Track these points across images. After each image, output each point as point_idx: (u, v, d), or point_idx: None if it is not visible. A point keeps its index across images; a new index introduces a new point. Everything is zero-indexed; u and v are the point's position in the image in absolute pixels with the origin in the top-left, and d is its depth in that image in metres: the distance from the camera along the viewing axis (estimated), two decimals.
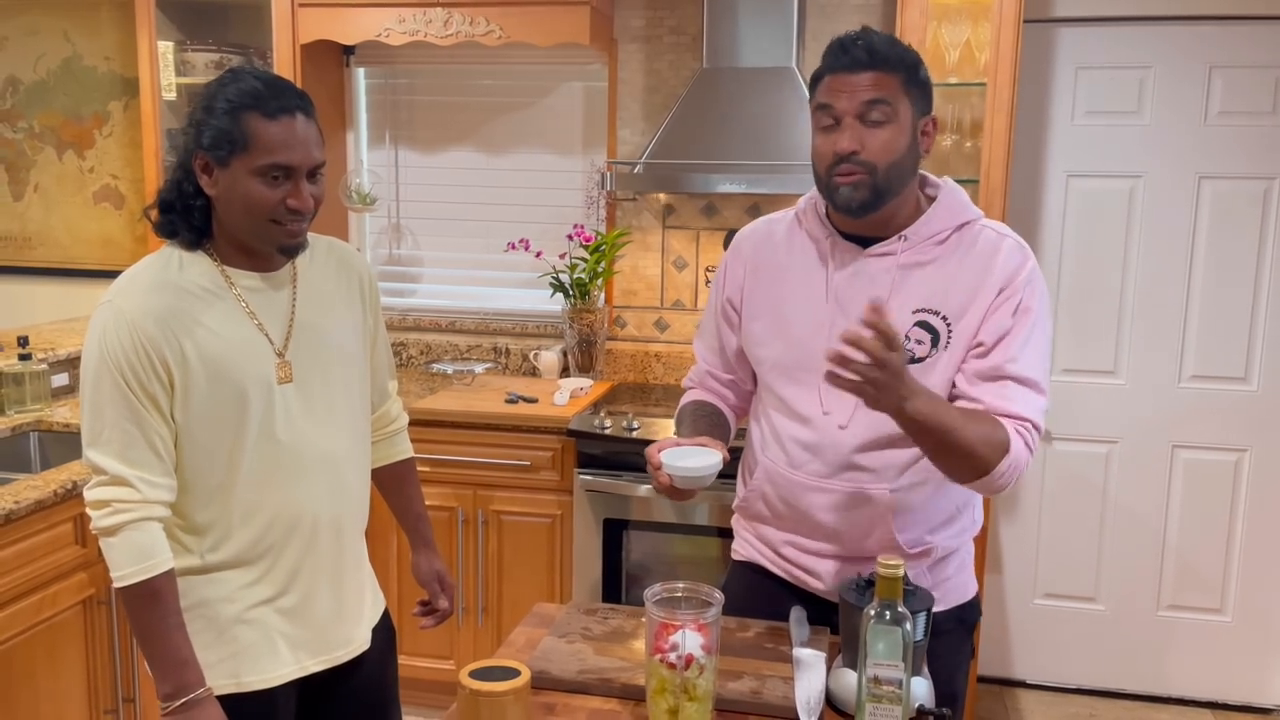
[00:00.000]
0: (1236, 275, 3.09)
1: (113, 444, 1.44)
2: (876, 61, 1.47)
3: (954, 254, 1.54)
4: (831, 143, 1.50)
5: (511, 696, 1.28)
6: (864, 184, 1.49)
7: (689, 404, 1.79)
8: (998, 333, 1.50)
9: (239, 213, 1.46)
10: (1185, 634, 3.26)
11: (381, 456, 1.81)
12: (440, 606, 1.85)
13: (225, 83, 1.46)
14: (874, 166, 1.48)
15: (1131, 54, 3.05)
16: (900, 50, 1.50)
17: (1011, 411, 1.47)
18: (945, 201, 1.57)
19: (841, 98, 1.49)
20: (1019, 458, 1.46)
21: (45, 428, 2.77)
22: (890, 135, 1.48)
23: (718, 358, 1.78)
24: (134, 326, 1.43)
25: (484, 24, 3.04)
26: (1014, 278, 1.51)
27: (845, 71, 1.49)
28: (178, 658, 1.46)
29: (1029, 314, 1.50)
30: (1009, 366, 1.48)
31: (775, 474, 1.64)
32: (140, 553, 1.44)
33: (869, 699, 1.25)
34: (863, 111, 1.47)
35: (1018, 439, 1.46)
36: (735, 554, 1.80)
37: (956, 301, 1.52)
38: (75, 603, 2.29)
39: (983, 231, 1.56)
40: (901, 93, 1.48)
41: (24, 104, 3.77)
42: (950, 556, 1.65)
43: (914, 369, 1.50)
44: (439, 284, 3.65)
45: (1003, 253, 1.53)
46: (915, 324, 1.53)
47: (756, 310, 1.67)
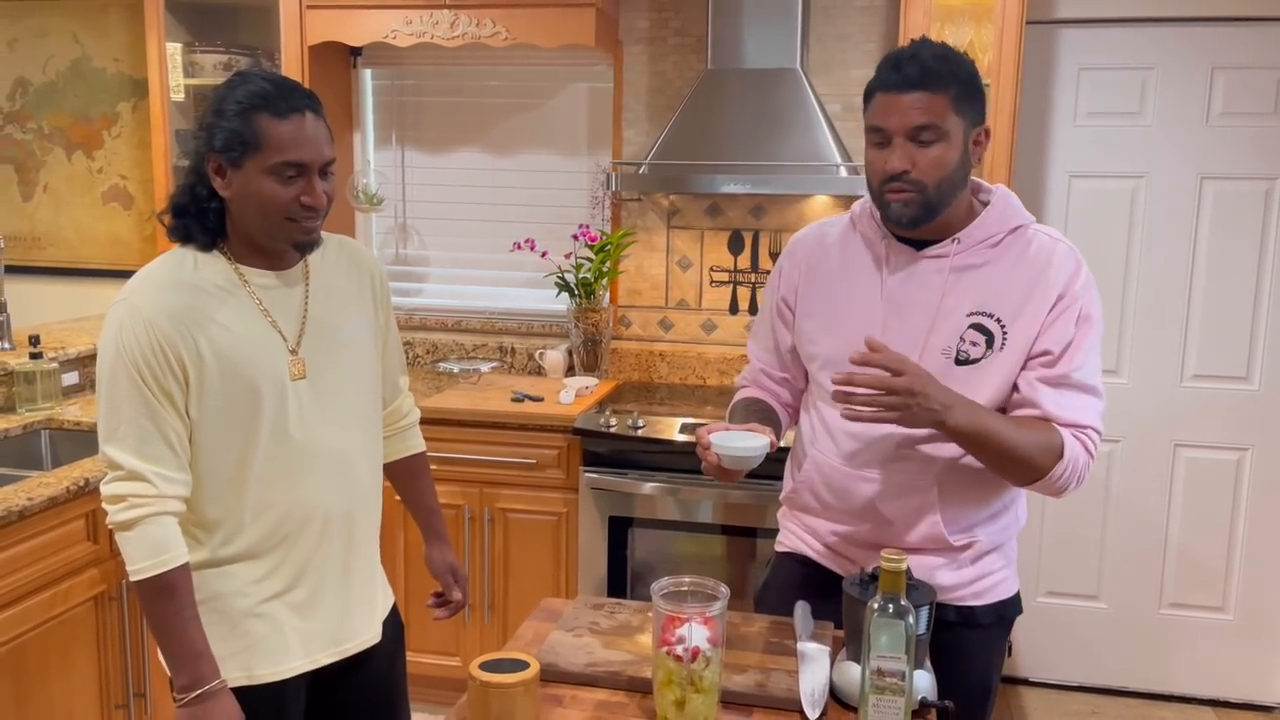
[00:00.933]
0: (1238, 275, 3.11)
1: (129, 439, 1.46)
2: (928, 81, 1.48)
3: (1007, 257, 1.57)
4: (883, 160, 1.52)
5: (521, 688, 1.31)
6: (915, 201, 1.52)
7: (741, 400, 1.82)
8: (1063, 342, 1.53)
9: (254, 212, 1.49)
10: (1187, 632, 3.27)
11: (394, 451, 1.83)
12: (454, 598, 1.88)
13: (234, 85, 1.48)
14: (924, 185, 1.51)
15: (1133, 55, 3.07)
16: (953, 65, 1.51)
17: (1072, 420, 1.52)
18: (999, 206, 1.60)
19: (891, 118, 1.50)
20: (1077, 461, 1.51)
21: (56, 426, 2.79)
22: (940, 153, 1.50)
23: (772, 356, 1.81)
24: (149, 324, 1.46)
25: (490, 25, 3.07)
26: (1070, 285, 1.54)
27: (895, 91, 1.50)
28: (193, 650, 1.48)
29: (1090, 322, 1.55)
30: (1075, 375, 1.53)
31: (825, 465, 1.67)
32: (156, 547, 1.46)
33: (872, 691, 1.27)
34: (912, 133, 1.50)
35: (1074, 443, 1.51)
36: (780, 545, 1.83)
37: (1010, 304, 1.55)
38: (87, 598, 2.32)
39: (1036, 236, 1.59)
40: (951, 111, 1.50)
41: (33, 105, 3.80)
42: (994, 551, 1.67)
43: (969, 370, 1.54)
44: (445, 283, 3.67)
45: (1057, 258, 1.56)
46: (970, 326, 1.55)
47: (810, 309, 1.70)
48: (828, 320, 1.67)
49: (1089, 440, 1.53)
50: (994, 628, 1.68)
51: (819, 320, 1.68)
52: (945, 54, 1.51)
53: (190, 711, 1.47)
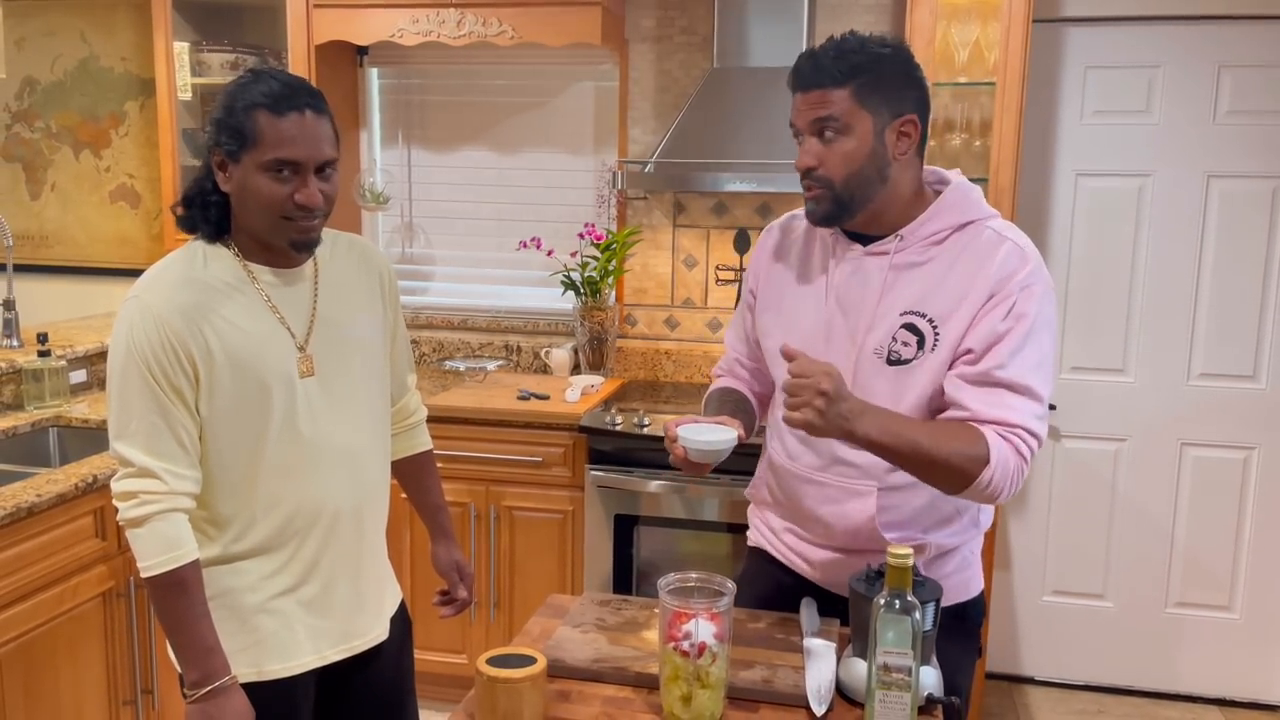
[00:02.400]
0: (1245, 274, 3.10)
1: (139, 436, 1.47)
2: (821, 78, 1.48)
3: (949, 254, 1.52)
4: (798, 157, 1.54)
5: (528, 683, 1.31)
6: (824, 198, 1.52)
7: (716, 390, 1.83)
8: (988, 339, 1.46)
9: (251, 209, 1.49)
10: (1193, 631, 3.27)
11: (401, 449, 1.84)
12: (459, 596, 1.88)
13: (245, 83, 1.49)
14: (831, 181, 1.50)
15: (1140, 53, 3.07)
16: (854, 59, 1.47)
17: (1000, 418, 1.44)
18: (948, 200, 1.55)
19: (795, 115, 1.53)
20: (1006, 466, 1.43)
21: (64, 423, 2.81)
22: (847, 148, 1.48)
23: (744, 346, 1.82)
24: (160, 321, 1.46)
25: (496, 24, 3.07)
26: (1007, 282, 1.47)
27: (797, 90, 1.52)
28: (204, 646, 1.49)
29: (1023, 319, 1.46)
30: (998, 373, 1.45)
31: (775, 463, 1.69)
32: (167, 543, 1.47)
33: (879, 686, 1.28)
34: (815, 130, 1.50)
35: (1001, 444, 1.43)
36: (749, 539, 1.84)
37: (944, 304, 1.50)
38: (95, 595, 2.33)
39: (983, 232, 1.53)
40: (855, 105, 1.47)
41: (41, 104, 3.81)
42: (948, 555, 1.64)
43: (901, 371, 1.52)
44: (451, 282, 3.68)
45: (999, 255, 1.49)
46: (902, 326, 1.52)
47: (768, 302, 1.70)
48: (780, 315, 1.67)
49: (1019, 441, 1.44)
50: (953, 630, 1.61)
51: (773, 315, 1.69)
52: (852, 49, 1.48)
53: (201, 707, 1.48)
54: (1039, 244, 3.16)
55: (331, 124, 1.52)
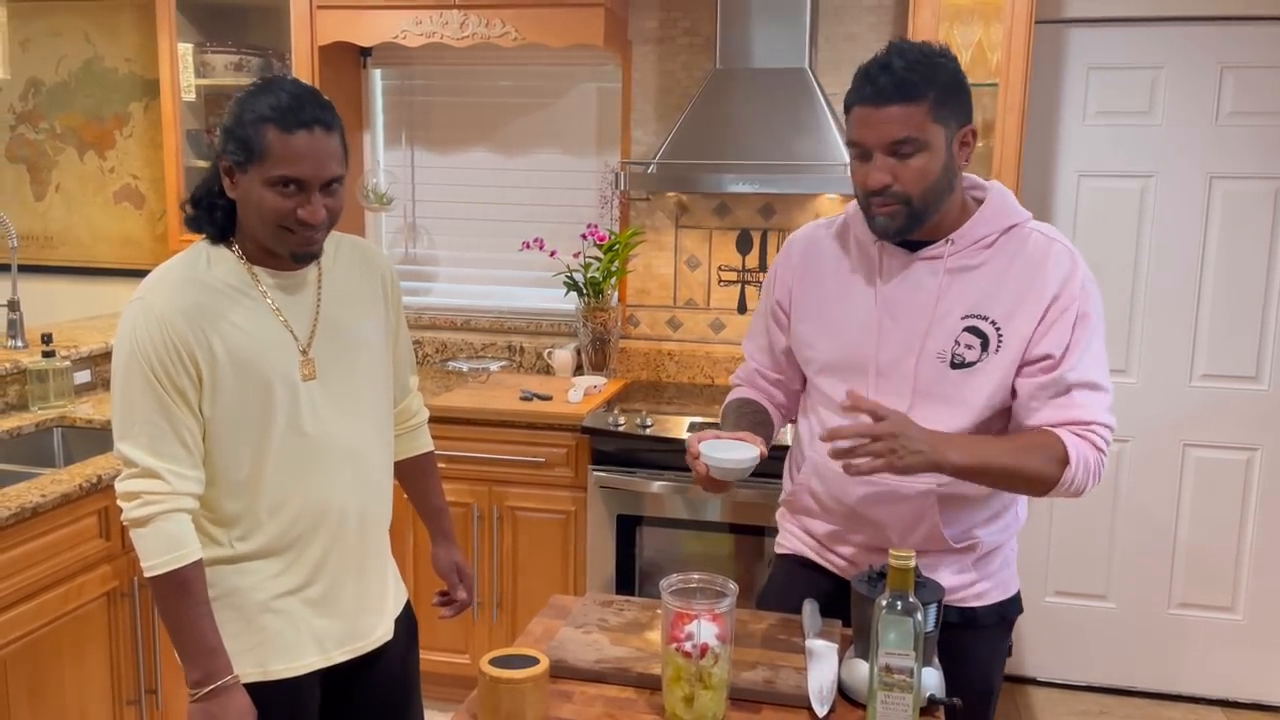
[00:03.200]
0: (1248, 274, 3.10)
1: (143, 437, 1.48)
2: (902, 93, 1.45)
3: (1001, 257, 1.55)
4: (864, 174, 1.51)
5: (531, 684, 1.32)
6: (900, 213, 1.51)
7: (734, 401, 1.81)
8: (1062, 344, 1.51)
9: (255, 218, 1.50)
10: (1196, 632, 3.27)
11: (403, 450, 1.84)
12: (459, 597, 1.89)
13: (255, 93, 1.48)
14: (909, 197, 1.50)
15: (1143, 54, 3.07)
16: (928, 70, 1.47)
17: (1075, 418, 1.50)
18: (993, 204, 1.58)
19: (869, 133, 1.49)
20: (1087, 460, 1.50)
21: (69, 423, 2.81)
22: (923, 163, 1.48)
23: (767, 357, 1.80)
24: (163, 322, 1.47)
25: (500, 26, 3.08)
26: (1066, 285, 1.52)
27: (871, 104, 1.48)
28: (206, 646, 1.49)
29: (1087, 320, 1.52)
30: (1071, 375, 1.51)
31: (823, 468, 1.66)
32: (170, 543, 1.47)
33: (881, 687, 1.28)
34: (891, 148, 1.48)
35: (1078, 442, 1.49)
36: (780, 547, 1.83)
37: (1005, 306, 1.53)
38: (99, 595, 2.34)
39: (1031, 234, 1.57)
40: (930, 120, 1.47)
41: (46, 105, 3.82)
42: (995, 551, 1.66)
43: (965, 373, 1.54)
44: (454, 283, 3.69)
45: (1052, 258, 1.54)
46: (965, 329, 1.54)
47: (805, 313, 1.69)
48: (824, 325, 1.66)
49: (1095, 436, 1.51)
50: (995, 628, 1.68)
51: (815, 325, 1.68)
52: (919, 60, 1.47)
53: (203, 706, 1.49)
54: None
55: (341, 138, 1.51)
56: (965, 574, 1.63)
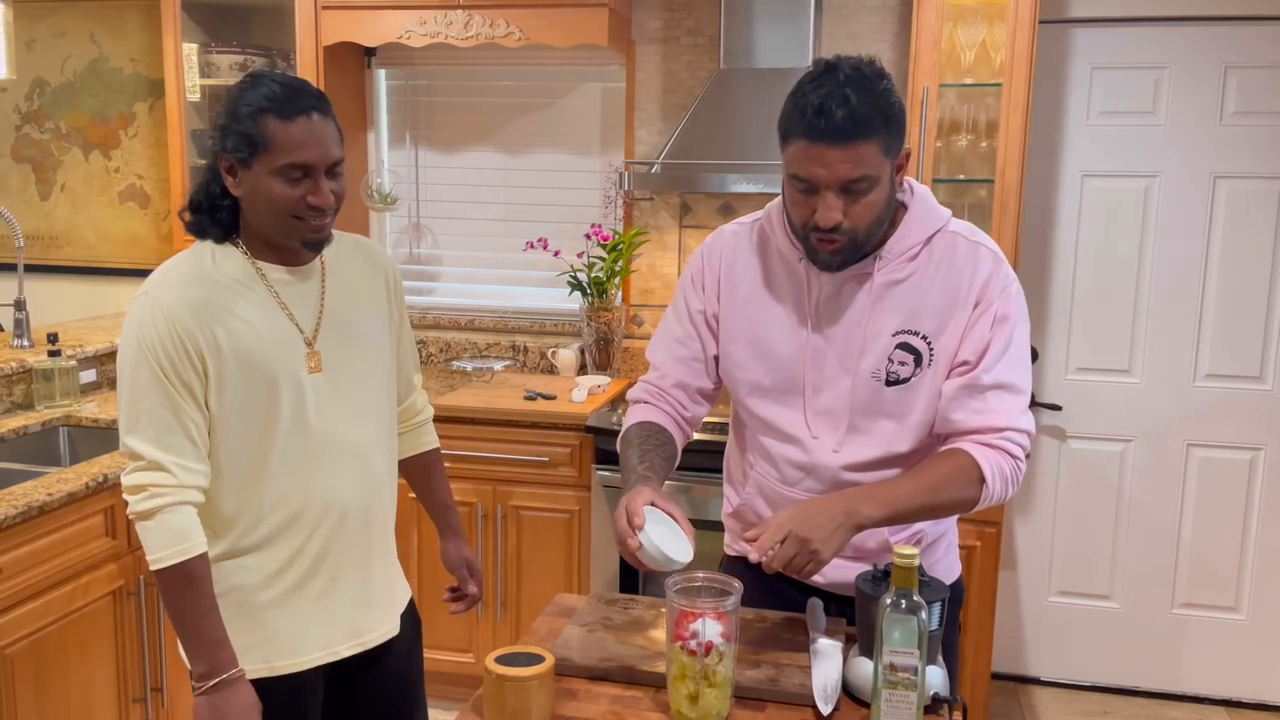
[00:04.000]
0: (1251, 274, 3.10)
1: (149, 430, 1.49)
2: (858, 131, 1.36)
3: (927, 267, 1.52)
4: (809, 208, 1.43)
5: (536, 681, 1.32)
6: (845, 249, 1.46)
7: (635, 430, 1.65)
8: (979, 348, 1.50)
9: (263, 211, 1.51)
10: (1200, 632, 3.27)
11: (408, 448, 1.85)
12: (469, 592, 1.89)
13: (246, 87, 1.50)
14: (855, 232, 1.44)
15: (1147, 54, 3.07)
16: (877, 100, 1.38)
17: (986, 425, 1.49)
18: (916, 214, 1.54)
19: (820, 171, 1.39)
20: (1002, 471, 1.48)
21: (74, 423, 2.82)
22: (873, 199, 1.42)
23: (683, 365, 1.67)
24: (170, 317, 1.48)
25: (504, 26, 3.08)
26: (987, 288, 1.50)
27: (824, 142, 1.37)
28: (211, 639, 1.50)
29: (1006, 322, 1.50)
30: (986, 378, 1.49)
31: (768, 488, 1.65)
32: (175, 536, 1.48)
33: (885, 685, 1.28)
34: (844, 186, 1.40)
35: (992, 456, 1.48)
36: (729, 549, 1.82)
37: (934, 319, 1.51)
38: (105, 593, 2.34)
39: (954, 239, 1.53)
40: (881, 154, 1.40)
41: (51, 105, 3.83)
42: (939, 540, 1.68)
43: (900, 390, 1.53)
44: (458, 282, 3.69)
45: (975, 263, 1.51)
46: (897, 346, 1.52)
47: (734, 331, 1.62)
48: (753, 347, 1.60)
49: (1008, 444, 1.49)
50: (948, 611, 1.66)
51: (743, 346, 1.61)
52: (869, 91, 1.37)
53: (208, 700, 1.49)
54: (1045, 245, 3.20)
55: (336, 124, 1.53)
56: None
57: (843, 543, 1.41)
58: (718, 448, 2.11)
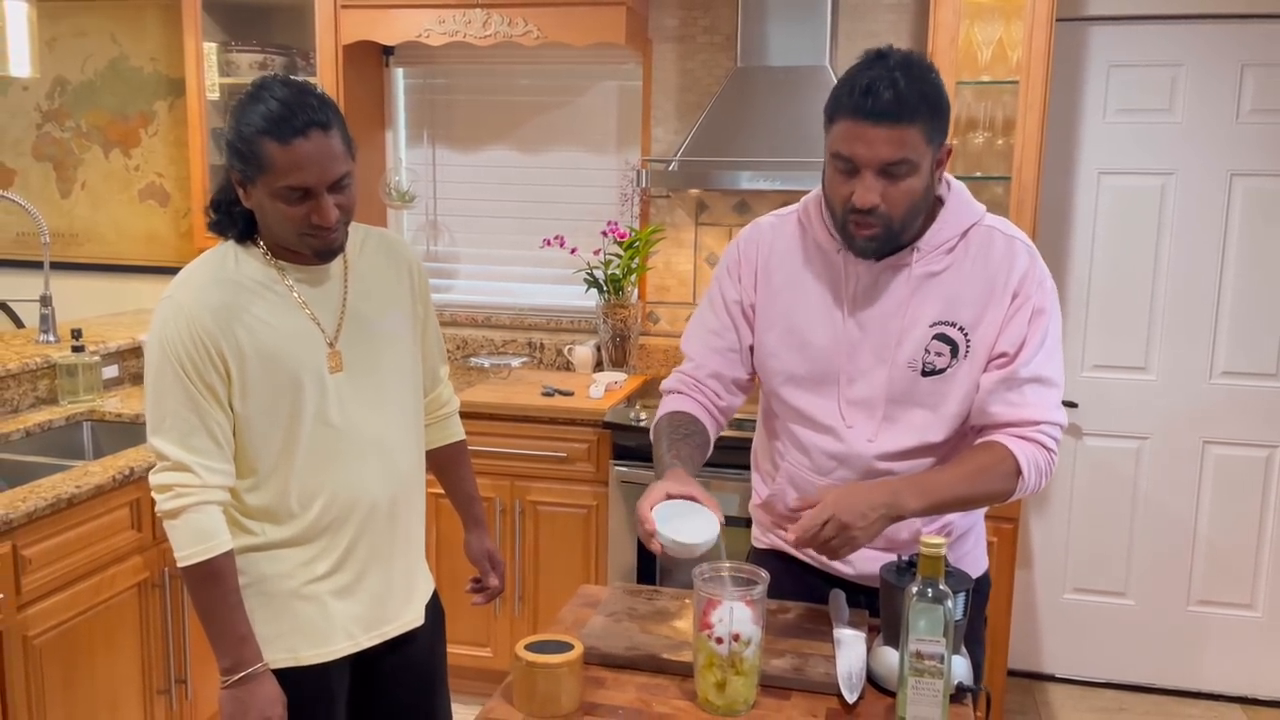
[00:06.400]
0: (1268, 272, 3.10)
1: (174, 432, 1.51)
2: (903, 113, 1.39)
3: (964, 260, 1.54)
4: (848, 189, 1.45)
5: (566, 668, 1.34)
6: (880, 235, 1.48)
7: (667, 420, 1.66)
8: (1016, 341, 1.52)
9: (272, 225, 1.53)
10: (1216, 629, 3.27)
11: (434, 439, 1.87)
12: (491, 584, 1.91)
13: (248, 103, 1.48)
14: (891, 218, 1.46)
15: (1163, 52, 3.07)
16: (926, 87, 1.42)
17: (1022, 418, 1.51)
18: (952, 207, 1.56)
19: (861, 149, 1.42)
20: (1037, 464, 1.51)
21: (98, 417, 2.85)
22: (911, 185, 1.45)
23: (719, 356, 1.68)
24: (192, 320, 1.50)
25: (522, 24, 3.10)
26: (1025, 282, 1.53)
27: (868, 121, 1.40)
28: (236, 634, 1.53)
29: (1042, 315, 1.53)
30: (1024, 371, 1.51)
31: (799, 478, 1.66)
32: (201, 534, 1.51)
33: (911, 673, 1.30)
34: (884, 168, 1.43)
35: (1026, 447, 1.50)
36: (757, 542, 1.82)
37: (971, 311, 1.53)
38: (131, 585, 2.37)
39: (990, 233, 1.55)
40: (923, 141, 1.43)
41: (72, 103, 3.87)
42: (967, 533, 1.69)
43: (936, 381, 1.55)
44: (475, 280, 3.72)
45: (1011, 257, 1.54)
46: (934, 336, 1.54)
47: (770, 321, 1.64)
48: (789, 337, 1.61)
49: (1043, 436, 1.52)
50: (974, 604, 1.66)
51: (779, 335, 1.62)
52: (919, 77, 1.41)
53: (233, 693, 1.52)
54: (1061, 242, 3.20)
55: (341, 134, 1.50)
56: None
57: (880, 531, 1.44)
58: (732, 443, 2.13)
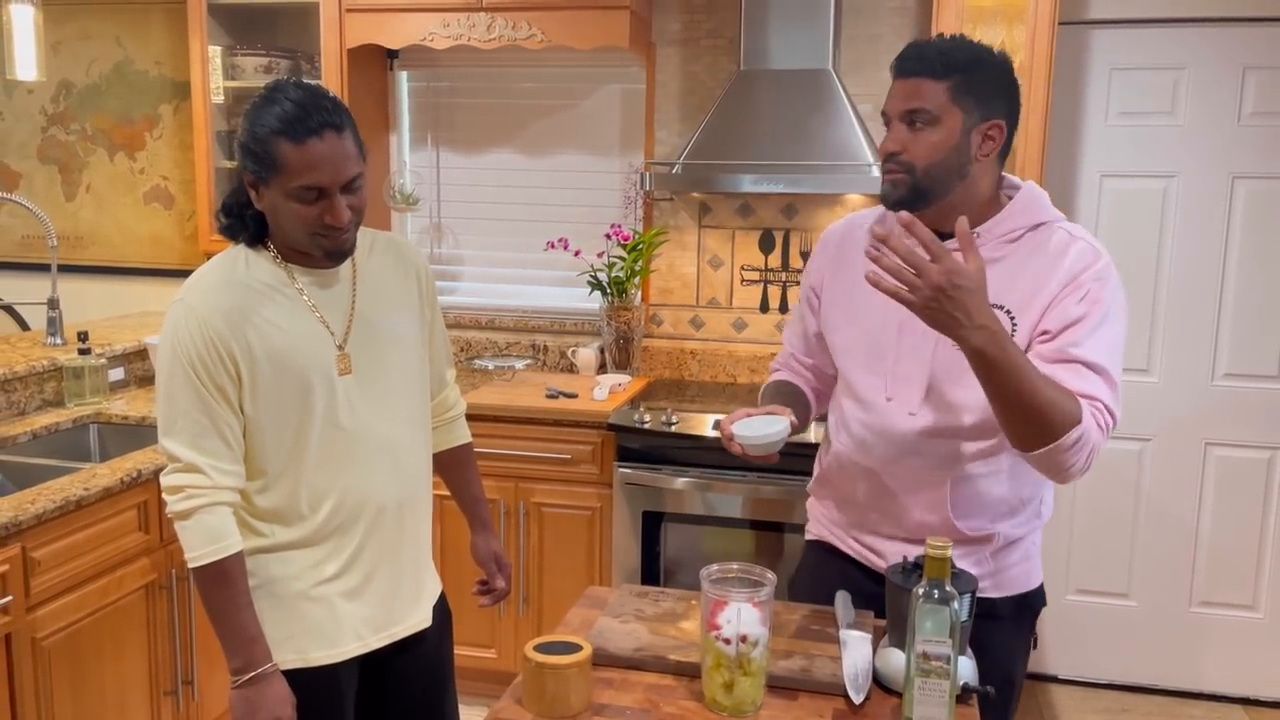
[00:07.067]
0: (1270, 274, 3.11)
1: (185, 433, 1.53)
2: (924, 68, 1.53)
3: (1025, 252, 1.57)
4: (884, 140, 1.60)
5: (575, 669, 1.35)
6: (903, 183, 1.55)
7: (771, 383, 1.88)
8: (1063, 320, 1.50)
9: (285, 226, 1.54)
10: (1218, 630, 3.28)
11: (441, 442, 1.88)
12: (497, 586, 1.92)
13: (263, 105, 1.50)
14: (913, 167, 1.54)
15: (1165, 55, 3.08)
16: (958, 56, 1.53)
17: (1083, 390, 1.46)
18: (1021, 201, 1.61)
19: (891, 101, 1.58)
20: (1090, 435, 1.44)
21: (104, 420, 2.86)
22: (934, 139, 1.53)
23: (801, 342, 1.87)
24: (203, 323, 1.52)
25: (526, 28, 3.12)
26: (1080, 274, 1.52)
27: (896, 77, 1.57)
28: (246, 635, 1.54)
29: (1098, 304, 1.50)
30: (1073, 350, 1.48)
31: (844, 457, 1.72)
32: (211, 535, 1.52)
33: (918, 674, 1.31)
34: (906, 117, 1.55)
35: (1090, 416, 1.44)
36: (809, 533, 1.88)
37: (1021, 296, 1.55)
38: (139, 587, 2.38)
39: (1056, 232, 1.59)
40: (948, 99, 1.52)
41: (77, 107, 3.88)
42: (1014, 545, 1.67)
43: None
44: (479, 282, 3.73)
45: (1072, 252, 1.55)
46: None
47: (834, 298, 1.75)
48: (849, 310, 1.71)
49: (1100, 415, 1.46)
50: (1014, 619, 1.69)
51: (842, 309, 1.73)
52: (952, 46, 1.54)
53: (243, 694, 1.53)
54: None
55: (354, 136, 1.52)
56: (983, 565, 1.65)
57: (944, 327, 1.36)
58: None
